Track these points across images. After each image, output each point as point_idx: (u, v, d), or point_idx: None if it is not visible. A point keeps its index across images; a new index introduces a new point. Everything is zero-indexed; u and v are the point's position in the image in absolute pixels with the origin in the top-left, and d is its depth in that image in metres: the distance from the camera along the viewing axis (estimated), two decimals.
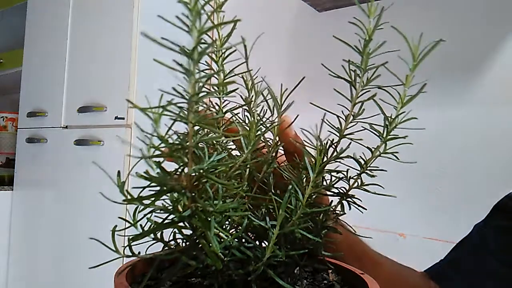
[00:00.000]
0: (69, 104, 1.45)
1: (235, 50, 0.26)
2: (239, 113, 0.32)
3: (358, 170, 0.32)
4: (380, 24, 0.27)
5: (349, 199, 0.33)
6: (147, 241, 0.25)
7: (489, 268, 0.51)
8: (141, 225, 0.26)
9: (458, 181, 1.28)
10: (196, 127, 0.23)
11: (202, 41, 0.20)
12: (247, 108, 0.30)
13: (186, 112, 0.20)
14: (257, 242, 0.28)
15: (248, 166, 0.29)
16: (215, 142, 0.29)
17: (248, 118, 0.30)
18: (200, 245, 0.23)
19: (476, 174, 1.25)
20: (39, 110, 1.57)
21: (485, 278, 0.52)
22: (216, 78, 0.30)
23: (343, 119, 0.32)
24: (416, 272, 0.55)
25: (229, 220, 0.26)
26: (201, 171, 0.21)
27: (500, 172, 1.20)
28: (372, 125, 0.31)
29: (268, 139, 0.33)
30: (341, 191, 0.32)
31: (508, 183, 0.56)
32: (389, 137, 0.31)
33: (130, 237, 0.23)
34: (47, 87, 1.56)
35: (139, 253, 0.26)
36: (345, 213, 0.33)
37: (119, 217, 0.29)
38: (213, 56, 0.31)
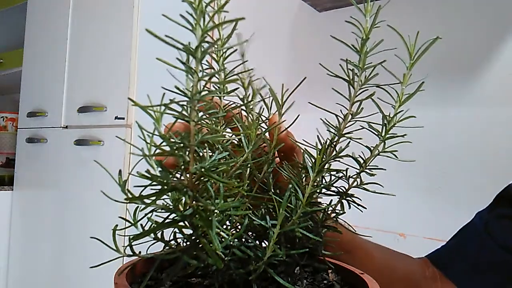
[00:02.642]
0: (69, 104, 1.46)
1: (235, 50, 0.26)
2: (238, 112, 0.32)
3: (358, 169, 0.32)
4: (377, 22, 0.27)
5: (348, 198, 0.33)
6: (148, 241, 0.25)
7: (492, 255, 0.51)
8: (141, 224, 0.26)
9: (458, 181, 1.28)
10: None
11: (205, 40, 0.20)
12: (244, 108, 0.31)
13: (188, 111, 0.20)
14: (258, 242, 0.28)
15: (249, 165, 0.29)
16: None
17: (247, 118, 0.30)
18: (201, 245, 0.23)
19: (476, 174, 1.25)
20: (39, 110, 1.57)
21: (487, 264, 0.52)
22: (217, 77, 0.31)
23: (342, 118, 0.32)
24: (413, 260, 0.55)
25: (230, 219, 0.26)
26: (203, 169, 0.21)
27: (500, 172, 1.20)
28: (371, 124, 0.31)
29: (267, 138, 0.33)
30: (340, 190, 0.32)
31: (508, 183, 0.56)
32: (387, 135, 0.31)
33: (131, 236, 0.23)
34: (47, 87, 1.56)
35: (139, 252, 0.26)
36: (344, 212, 0.33)
37: (120, 217, 0.29)
38: (214, 55, 0.31)
